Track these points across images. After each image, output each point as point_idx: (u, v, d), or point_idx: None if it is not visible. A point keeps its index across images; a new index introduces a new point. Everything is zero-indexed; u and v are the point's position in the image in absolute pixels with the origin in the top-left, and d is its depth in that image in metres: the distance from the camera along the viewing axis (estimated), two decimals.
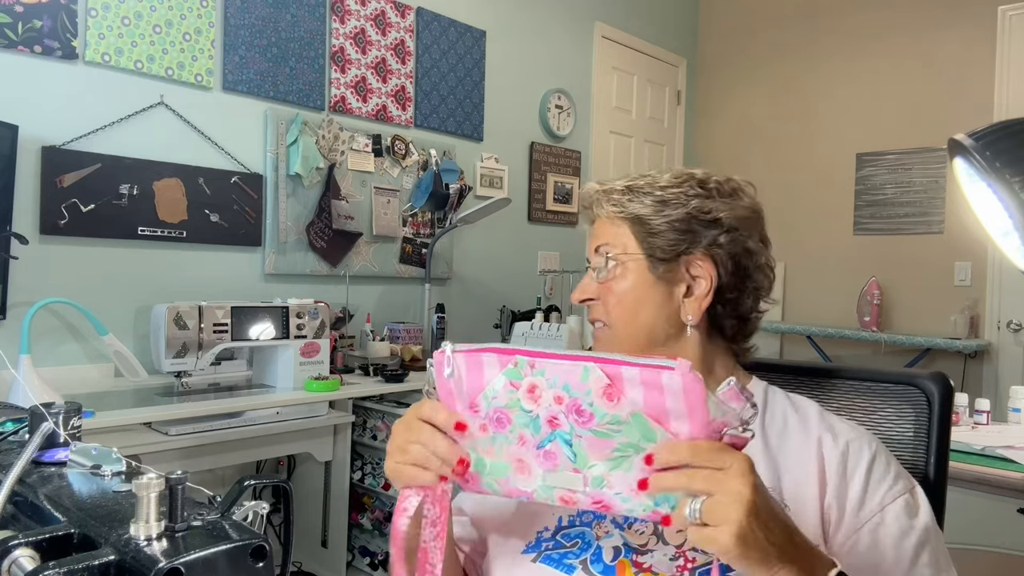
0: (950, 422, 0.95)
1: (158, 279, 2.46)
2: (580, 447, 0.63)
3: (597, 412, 0.62)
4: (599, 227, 0.91)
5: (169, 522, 0.52)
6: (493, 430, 0.67)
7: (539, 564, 0.80)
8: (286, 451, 2.32)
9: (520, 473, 0.67)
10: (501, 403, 0.66)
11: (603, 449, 0.63)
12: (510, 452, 0.67)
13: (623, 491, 0.63)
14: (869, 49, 4.28)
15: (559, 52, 4.00)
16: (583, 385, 0.62)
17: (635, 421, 0.61)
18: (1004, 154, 0.80)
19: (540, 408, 0.64)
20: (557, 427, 0.64)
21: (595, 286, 0.90)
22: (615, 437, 0.62)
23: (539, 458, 0.65)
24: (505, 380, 0.66)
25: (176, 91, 2.51)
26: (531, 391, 0.65)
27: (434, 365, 0.70)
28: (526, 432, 0.66)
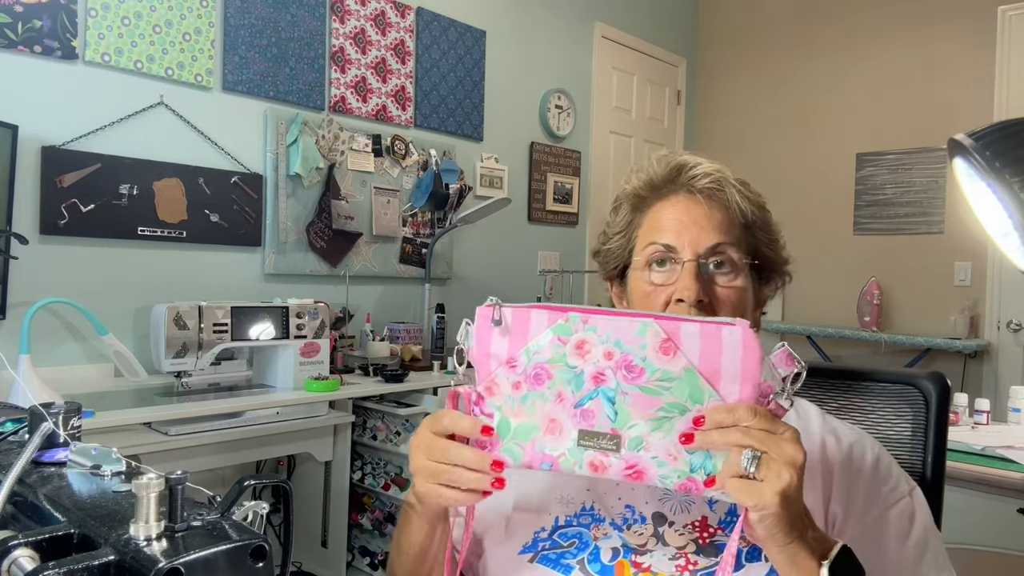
0: (947, 421, 0.95)
1: (158, 279, 2.46)
2: (623, 404, 0.62)
3: (649, 367, 0.61)
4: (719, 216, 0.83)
5: (169, 522, 0.52)
6: (528, 387, 0.65)
7: (536, 564, 0.80)
8: (286, 451, 2.32)
9: (550, 434, 0.64)
10: (544, 357, 0.64)
11: (648, 408, 0.62)
12: (543, 411, 0.65)
13: (660, 455, 0.62)
14: (869, 49, 4.28)
15: (559, 52, 4.00)
16: (638, 340, 0.62)
17: (687, 377, 0.61)
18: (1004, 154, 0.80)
19: (587, 364, 0.63)
20: (602, 383, 0.63)
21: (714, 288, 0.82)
22: (663, 395, 0.61)
23: (575, 417, 0.63)
24: (552, 335, 0.64)
25: (176, 91, 2.51)
26: (579, 346, 0.63)
27: (476, 318, 0.67)
28: (566, 389, 0.64)
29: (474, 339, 0.67)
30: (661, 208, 0.86)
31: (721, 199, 0.84)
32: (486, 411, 0.67)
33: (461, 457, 0.66)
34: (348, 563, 2.55)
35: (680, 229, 0.83)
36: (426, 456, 0.68)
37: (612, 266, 0.92)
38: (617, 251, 0.90)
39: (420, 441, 0.69)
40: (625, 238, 0.89)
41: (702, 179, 0.84)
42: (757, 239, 0.85)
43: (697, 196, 0.84)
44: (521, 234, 3.85)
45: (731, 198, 0.84)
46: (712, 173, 0.84)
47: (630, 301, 0.89)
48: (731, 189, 0.84)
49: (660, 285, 0.83)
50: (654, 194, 0.87)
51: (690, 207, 0.84)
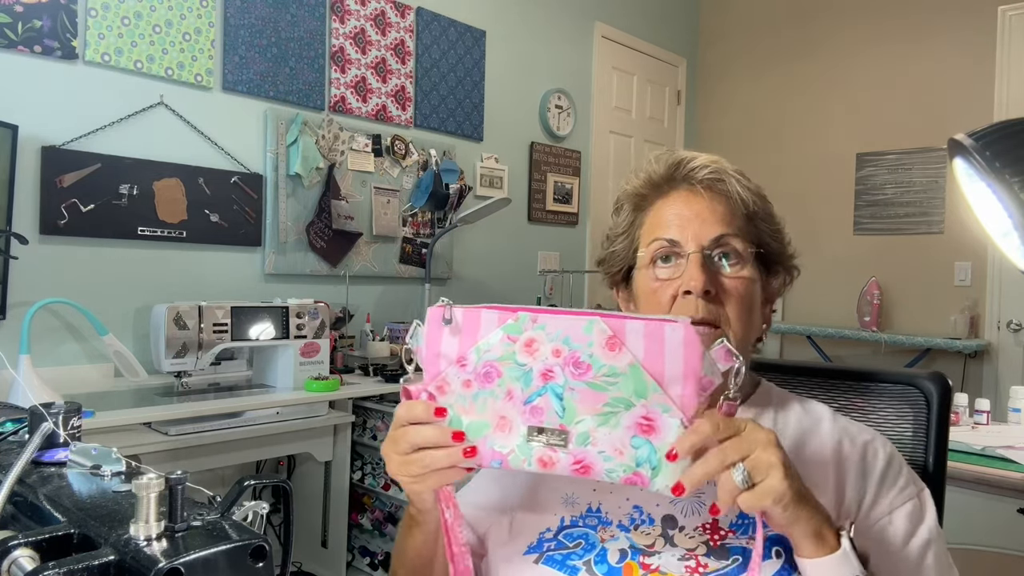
0: (948, 422, 0.95)
1: (158, 279, 2.46)
2: (571, 400, 0.63)
3: (595, 363, 0.63)
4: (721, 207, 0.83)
5: (169, 522, 0.52)
6: (478, 386, 0.66)
7: (541, 566, 0.79)
8: (286, 451, 2.32)
9: (500, 431, 0.66)
10: (494, 356, 0.65)
11: (594, 403, 0.63)
12: (494, 408, 0.66)
13: (606, 449, 0.63)
14: (869, 49, 4.28)
15: (559, 52, 4.00)
16: (585, 337, 0.63)
17: (632, 373, 0.62)
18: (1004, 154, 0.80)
19: (536, 361, 0.64)
20: (550, 379, 0.64)
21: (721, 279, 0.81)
22: (608, 390, 0.62)
23: (524, 414, 0.65)
24: (503, 334, 0.65)
25: (176, 91, 2.51)
26: (528, 344, 0.65)
27: (427, 319, 0.68)
28: (516, 386, 0.65)
29: (424, 339, 0.68)
30: (663, 205, 0.86)
31: (722, 190, 0.83)
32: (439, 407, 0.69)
33: (421, 436, 0.67)
34: (348, 563, 2.55)
35: (683, 223, 0.82)
36: (394, 452, 0.69)
37: (617, 268, 0.91)
38: (621, 252, 0.90)
39: (386, 442, 0.70)
40: (629, 239, 0.89)
41: (701, 171, 0.84)
42: (760, 229, 0.85)
43: (698, 188, 0.84)
44: (521, 234, 3.85)
45: (732, 188, 0.84)
46: (710, 164, 0.84)
47: (636, 301, 0.88)
48: (731, 179, 0.84)
49: (666, 280, 0.82)
50: (655, 191, 0.87)
51: (691, 200, 0.83)
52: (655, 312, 0.84)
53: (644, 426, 0.62)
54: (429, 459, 0.67)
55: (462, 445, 0.66)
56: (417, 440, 0.67)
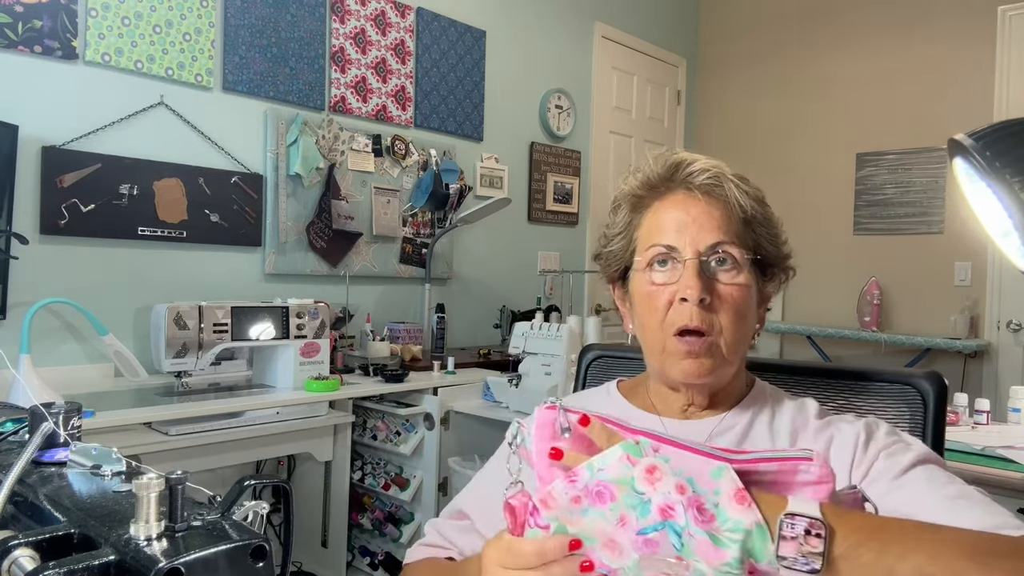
0: (945, 421, 0.95)
1: (158, 279, 2.46)
2: (690, 544, 0.57)
3: (720, 515, 0.57)
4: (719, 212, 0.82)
5: (169, 522, 0.52)
6: (588, 503, 0.59)
7: None
8: (286, 451, 2.32)
9: (607, 550, 0.58)
10: (610, 476, 0.58)
11: (714, 558, 0.56)
12: (603, 530, 0.58)
13: None
14: (869, 49, 4.28)
15: (559, 52, 4.00)
16: (712, 483, 0.57)
17: (757, 533, 0.56)
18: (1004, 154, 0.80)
19: (656, 493, 0.57)
20: (670, 517, 0.57)
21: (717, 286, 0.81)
22: (730, 548, 0.56)
23: (637, 543, 0.57)
24: (622, 452, 0.59)
25: (176, 91, 2.51)
26: (650, 471, 0.58)
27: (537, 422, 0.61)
28: (630, 514, 0.57)
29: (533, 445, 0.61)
30: (660, 207, 0.86)
31: (720, 195, 0.83)
32: (541, 523, 0.60)
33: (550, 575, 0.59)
34: (348, 563, 2.55)
35: (680, 228, 0.82)
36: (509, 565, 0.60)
37: (614, 268, 0.92)
38: (618, 252, 0.90)
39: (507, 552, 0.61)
40: (626, 239, 0.89)
41: (700, 175, 0.84)
42: (758, 234, 0.85)
43: (695, 193, 0.83)
44: (521, 234, 3.85)
45: (730, 194, 0.83)
46: (710, 169, 0.84)
47: (632, 302, 0.89)
48: (729, 184, 0.84)
49: (662, 284, 0.82)
50: (652, 193, 0.87)
51: (689, 205, 0.83)
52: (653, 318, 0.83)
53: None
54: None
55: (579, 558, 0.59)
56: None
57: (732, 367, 0.84)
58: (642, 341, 0.87)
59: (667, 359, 0.83)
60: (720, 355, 0.81)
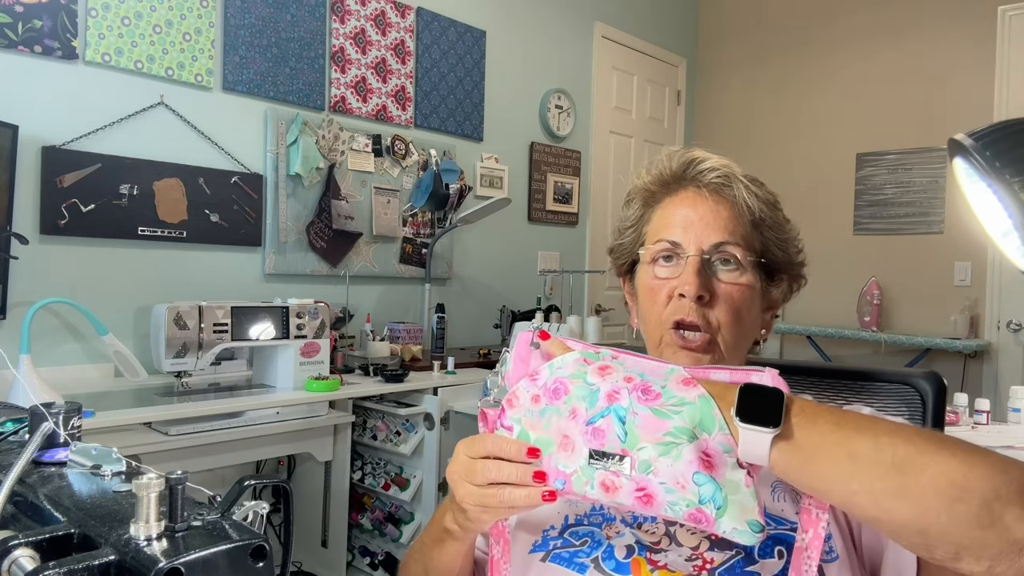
0: (944, 421, 0.96)
1: (158, 279, 2.46)
2: (633, 425, 0.61)
3: (666, 393, 0.62)
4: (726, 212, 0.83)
5: (169, 522, 0.52)
6: (546, 401, 0.65)
7: (549, 564, 0.79)
8: (286, 451, 2.32)
9: (563, 450, 0.64)
10: (565, 373, 0.65)
11: (656, 431, 0.60)
12: (558, 426, 0.64)
13: (667, 481, 0.60)
14: (869, 49, 4.28)
15: (559, 52, 4.00)
16: (663, 377, 0.63)
17: (701, 404, 0.60)
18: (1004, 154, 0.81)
19: (604, 383, 0.63)
20: (615, 401, 0.62)
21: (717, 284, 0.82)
22: (672, 419, 0.60)
23: (587, 434, 0.63)
24: (580, 356, 0.66)
25: (176, 91, 2.51)
26: (602, 369, 0.64)
27: (517, 340, 0.69)
28: (580, 405, 0.63)
29: (511, 362, 0.69)
30: (670, 203, 0.87)
31: (728, 195, 0.84)
32: (506, 424, 0.67)
33: (503, 474, 0.65)
34: (348, 563, 2.55)
35: (687, 225, 0.83)
36: (468, 481, 0.67)
37: (622, 261, 0.93)
38: (628, 246, 0.92)
39: (458, 468, 0.68)
40: (636, 232, 0.91)
41: (709, 173, 0.85)
42: (766, 237, 0.85)
43: (704, 191, 0.85)
44: (521, 234, 3.85)
45: (738, 194, 0.84)
46: (719, 168, 0.85)
47: (637, 296, 0.90)
48: (738, 185, 0.84)
49: (664, 279, 0.84)
50: (664, 189, 0.88)
51: (697, 202, 0.84)
52: (653, 311, 0.85)
53: (706, 462, 0.60)
54: (508, 496, 0.66)
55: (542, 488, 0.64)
56: (499, 478, 0.66)
57: (732, 358, 0.84)
58: (644, 334, 0.89)
59: (664, 351, 0.84)
60: (718, 353, 0.82)
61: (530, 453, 0.65)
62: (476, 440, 0.68)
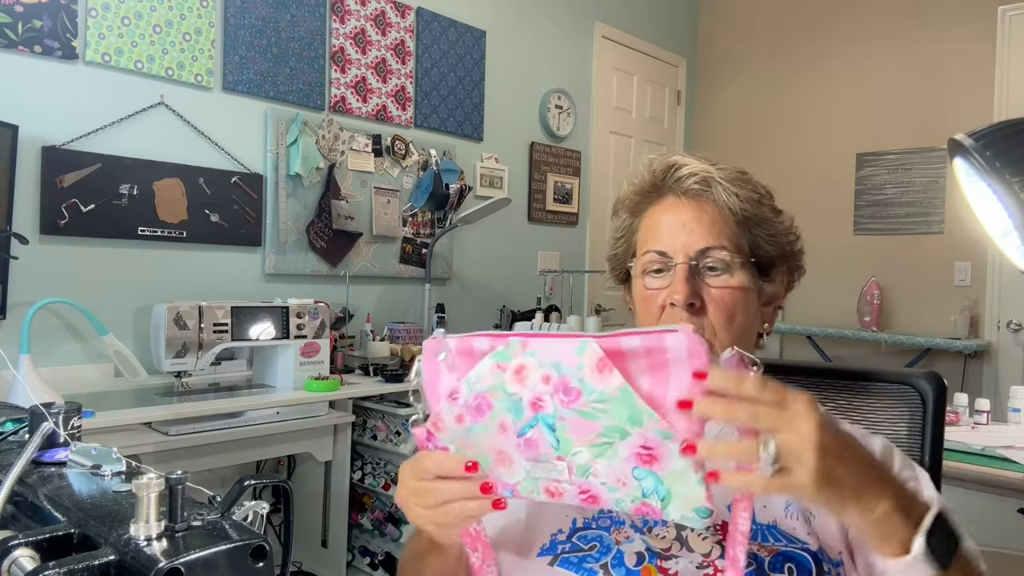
0: (944, 421, 0.95)
1: (158, 279, 2.46)
2: (563, 431, 0.59)
3: (586, 388, 0.57)
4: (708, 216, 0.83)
5: (169, 522, 0.52)
6: (470, 420, 0.62)
7: (557, 568, 0.78)
8: (286, 451, 2.32)
9: (501, 465, 0.62)
10: (484, 386, 0.61)
11: (587, 433, 0.58)
12: (489, 443, 0.62)
13: (608, 480, 0.59)
14: (869, 49, 4.28)
15: (559, 52, 4.00)
16: (575, 360, 0.58)
17: (623, 397, 0.57)
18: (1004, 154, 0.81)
19: (525, 389, 0.59)
20: (540, 410, 0.59)
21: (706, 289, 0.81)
22: (600, 418, 0.57)
23: (520, 447, 0.61)
24: (492, 363, 0.61)
25: (176, 91, 2.51)
26: (518, 372, 0.60)
27: (424, 353, 0.66)
28: (507, 418, 0.60)
29: (424, 375, 0.66)
30: (653, 212, 0.87)
31: (708, 198, 0.84)
32: (439, 446, 0.65)
33: (450, 493, 0.65)
34: (348, 563, 2.55)
35: (672, 233, 0.84)
36: (418, 504, 0.67)
37: (618, 271, 0.94)
38: (621, 256, 0.93)
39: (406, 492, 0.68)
40: (626, 242, 0.91)
41: (688, 180, 0.84)
42: (755, 235, 0.85)
43: (683, 198, 0.85)
44: (521, 234, 3.85)
45: (718, 198, 0.84)
46: (698, 173, 0.84)
47: (633, 305, 0.91)
48: (718, 188, 0.84)
49: (656, 289, 0.84)
50: (646, 199, 0.89)
51: (680, 209, 0.84)
52: (648, 321, 0.85)
53: (644, 456, 0.58)
54: (460, 510, 0.65)
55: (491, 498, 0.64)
56: (447, 497, 0.65)
57: None
58: None
59: None
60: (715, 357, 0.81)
61: (468, 470, 0.64)
62: (416, 462, 0.67)
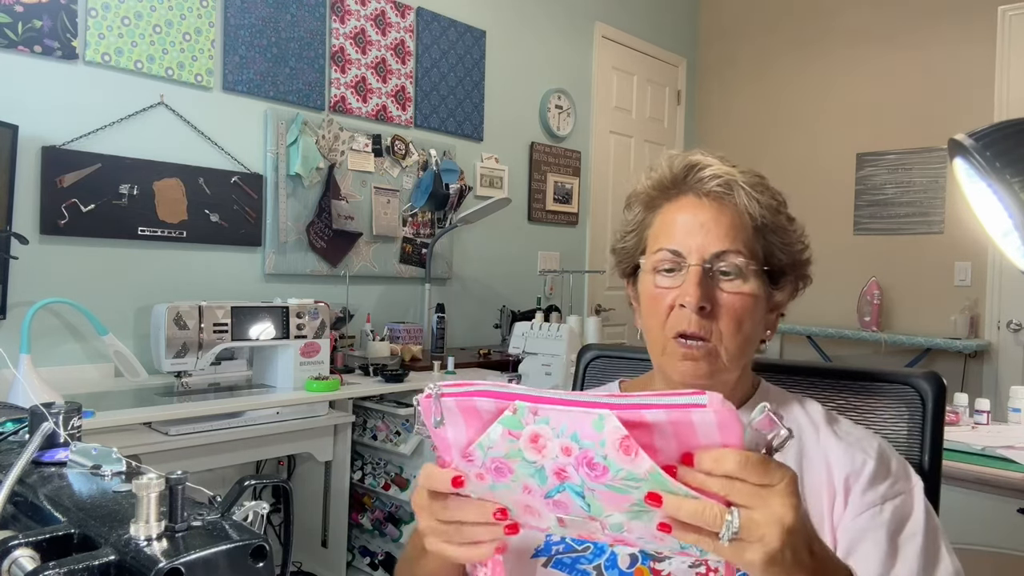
0: (943, 420, 0.96)
1: (158, 279, 2.46)
2: (594, 499, 0.57)
3: (611, 466, 0.54)
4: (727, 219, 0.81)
5: (169, 522, 0.52)
6: (492, 479, 0.59)
7: (551, 569, 0.79)
8: (286, 451, 2.32)
9: (528, 515, 0.61)
10: (499, 453, 0.58)
11: (620, 503, 0.56)
12: (514, 499, 0.60)
13: (645, 536, 0.57)
14: (869, 49, 4.28)
15: (559, 52, 4.00)
16: (596, 435, 0.54)
17: (652, 479, 0.54)
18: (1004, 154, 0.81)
19: (546, 459, 0.56)
20: (566, 479, 0.56)
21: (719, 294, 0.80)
22: (632, 493, 0.55)
23: (549, 506, 0.58)
24: (502, 429, 0.57)
25: (176, 91, 2.51)
26: (534, 440, 0.56)
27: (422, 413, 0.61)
28: (531, 482, 0.58)
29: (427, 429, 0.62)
30: (670, 210, 0.85)
31: (729, 201, 0.82)
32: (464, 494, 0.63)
33: (462, 514, 0.62)
34: (348, 563, 2.55)
35: (688, 233, 0.81)
36: (430, 515, 0.64)
37: (625, 265, 0.92)
38: (630, 249, 0.90)
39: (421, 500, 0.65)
40: (637, 237, 0.89)
41: (710, 181, 0.83)
42: (769, 242, 0.84)
43: (704, 199, 0.83)
44: (521, 234, 3.85)
45: (740, 202, 0.82)
46: (721, 175, 0.83)
47: (639, 302, 0.89)
48: (740, 192, 0.82)
49: (666, 288, 0.82)
50: (663, 195, 0.86)
51: (698, 210, 0.82)
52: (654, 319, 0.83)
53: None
54: (468, 533, 0.63)
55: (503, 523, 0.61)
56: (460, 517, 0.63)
57: (731, 373, 0.83)
58: (646, 340, 0.88)
59: (667, 360, 0.83)
60: (720, 362, 0.80)
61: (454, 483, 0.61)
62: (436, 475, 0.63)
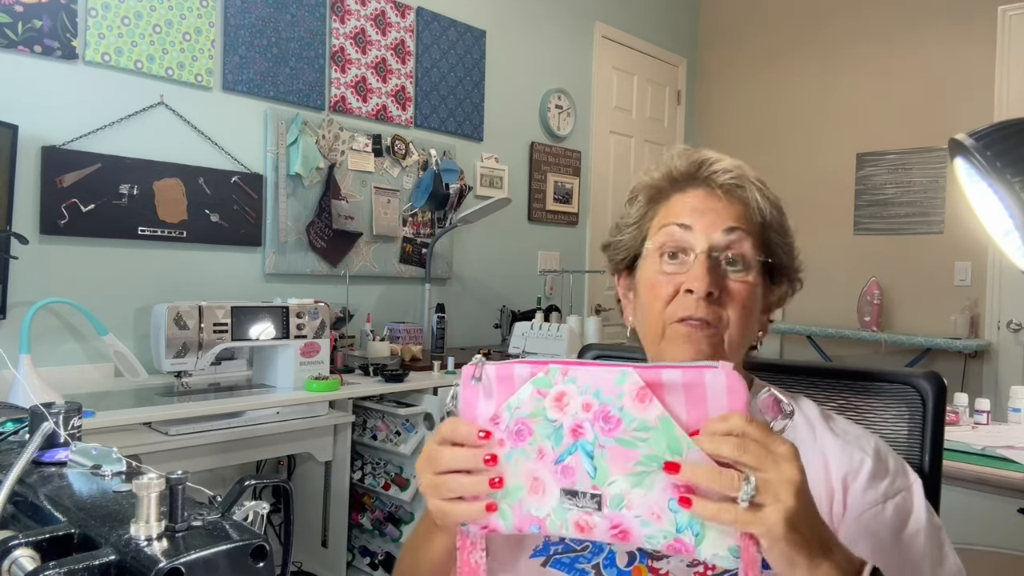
0: (944, 420, 0.95)
1: (158, 279, 2.46)
2: (601, 459, 0.60)
3: (626, 417, 0.59)
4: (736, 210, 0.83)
5: (169, 522, 0.52)
6: (511, 444, 0.64)
7: (549, 569, 0.79)
8: (286, 451, 2.32)
9: (534, 494, 0.63)
10: (525, 412, 0.63)
11: (626, 461, 0.60)
12: (527, 469, 0.63)
13: (643, 514, 0.60)
14: (869, 49, 4.28)
15: (559, 52, 4.00)
16: (616, 389, 0.60)
17: (663, 426, 0.58)
18: (1004, 154, 0.81)
19: (565, 416, 0.61)
20: (580, 436, 0.61)
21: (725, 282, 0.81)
22: (639, 447, 0.59)
23: (556, 474, 0.62)
24: (532, 388, 0.63)
25: (176, 91, 2.51)
26: (559, 399, 0.62)
27: (461, 378, 0.66)
28: (547, 444, 0.62)
29: (460, 401, 0.66)
30: (678, 199, 0.85)
31: (740, 196, 0.83)
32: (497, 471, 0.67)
33: (456, 459, 0.65)
34: (348, 563, 2.55)
35: (696, 214, 0.82)
36: (430, 470, 0.67)
37: (621, 257, 0.90)
38: (629, 242, 0.89)
39: (423, 456, 0.68)
40: (639, 229, 0.88)
41: (723, 175, 0.83)
42: (772, 240, 0.85)
43: (716, 191, 0.83)
44: (521, 234, 3.85)
45: (751, 196, 0.83)
46: (733, 170, 0.84)
47: (637, 291, 0.87)
48: (751, 187, 0.84)
49: (671, 274, 0.82)
50: (672, 187, 0.86)
51: (708, 200, 0.83)
52: (654, 309, 0.83)
53: (682, 487, 0.59)
54: (456, 483, 0.65)
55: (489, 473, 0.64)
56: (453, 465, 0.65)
57: (736, 354, 0.83)
58: (641, 330, 0.86)
59: (667, 345, 0.82)
60: (722, 350, 0.80)
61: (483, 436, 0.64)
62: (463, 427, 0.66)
